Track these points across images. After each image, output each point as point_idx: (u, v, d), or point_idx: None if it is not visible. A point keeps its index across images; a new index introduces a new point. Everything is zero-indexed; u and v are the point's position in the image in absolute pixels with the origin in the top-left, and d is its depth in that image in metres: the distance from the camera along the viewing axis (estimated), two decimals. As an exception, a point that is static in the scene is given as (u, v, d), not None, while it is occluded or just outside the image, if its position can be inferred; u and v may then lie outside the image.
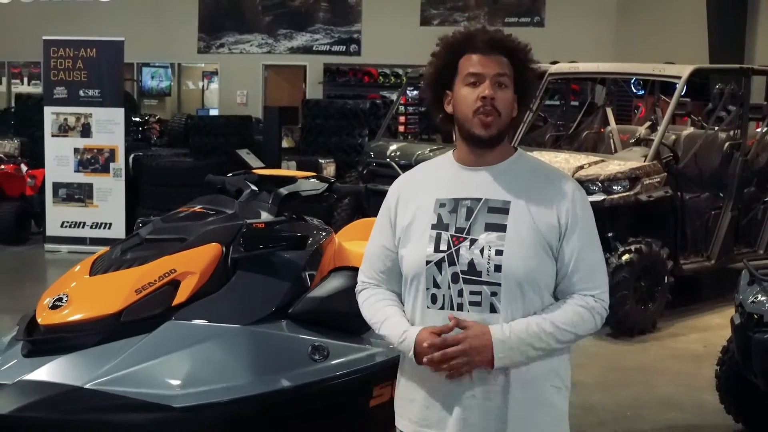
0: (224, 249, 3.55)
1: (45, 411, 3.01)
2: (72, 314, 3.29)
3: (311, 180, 4.06)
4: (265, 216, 3.77)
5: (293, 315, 3.58)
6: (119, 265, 3.49)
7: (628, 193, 7.68)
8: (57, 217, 10.73)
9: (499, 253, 2.42)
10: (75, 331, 3.27)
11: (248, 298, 3.50)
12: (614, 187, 7.69)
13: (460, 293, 2.44)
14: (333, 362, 3.55)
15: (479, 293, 2.43)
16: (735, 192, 8.55)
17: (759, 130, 9.27)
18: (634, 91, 14.10)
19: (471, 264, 2.43)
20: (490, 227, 2.45)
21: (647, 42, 16.30)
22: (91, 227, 10.67)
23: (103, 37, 11.25)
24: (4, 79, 23.68)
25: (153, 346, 3.24)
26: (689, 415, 5.85)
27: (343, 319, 3.65)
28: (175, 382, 3.17)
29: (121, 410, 3.06)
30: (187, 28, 21.28)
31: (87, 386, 3.08)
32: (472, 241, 2.44)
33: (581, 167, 7.81)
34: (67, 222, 10.71)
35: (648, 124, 9.57)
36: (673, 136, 9.03)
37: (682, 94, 10.76)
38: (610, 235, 7.76)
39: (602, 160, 8.09)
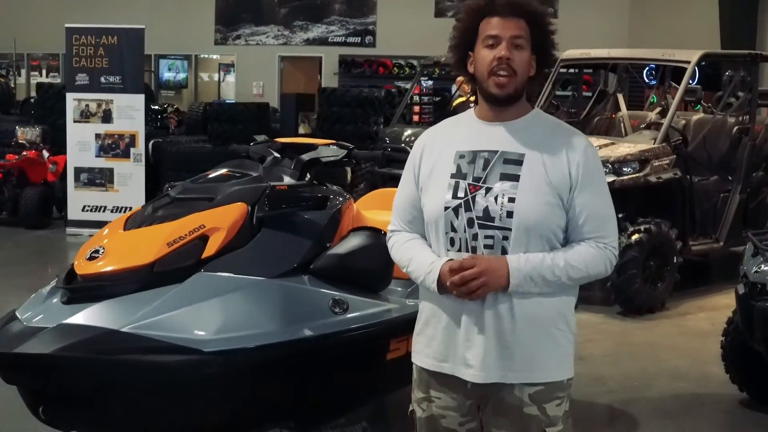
0: (250, 208, 3.75)
1: (84, 351, 3.22)
2: (108, 265, 3.50)
3: (331, 147, 4.25)
4: (287, 180, 3.97)
5: (314, 271, 3.78)
6: (151, 221, 3.71)
7: (637, 175, 7.81)
8: (78, 201, 10.94)
9: (511, 200, 2.59)
10: (111, 280, 3.47)
11: (272, 253, 3.69)
12: (624, 169, 7.82)
13: (475, 237, 2.62)
14: (352, 315, 3.75)
15: (492, 237, 2.61)
16: (743, 176, 8.69)
17: (768, 115, 9.41)
18: (647, 80, 14.20)
19: (486, 210, 2.61)
20: (504, 177, 2.62)
21: (660, 32, 16.39)
22: (112, 211, 10.82)
23: (124, 25, 11.44)
24: (23, 71, 23.94)
25: (184, 294, 3.44)
26: (695, 385, 6.01)
27: (362, 275, 3.86)
28: (205, 328, 3.38)
29: (154, 352, 3.27)
30: (204, 20, 21.45)
31: (123, 329, 3.29)
32: (488, 190, 2.62)
33: (592, 149, 7.93)
34: (89, 206, 10.91)
35: (658, 109, 9.70)
36: (683, 121, 9.17)
37: (694, 81, 10.89)
38: (620, 215, 7.88)
39: (612, 143, 8.23)
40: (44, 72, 24.12)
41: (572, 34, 16.91)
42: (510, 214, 2.60)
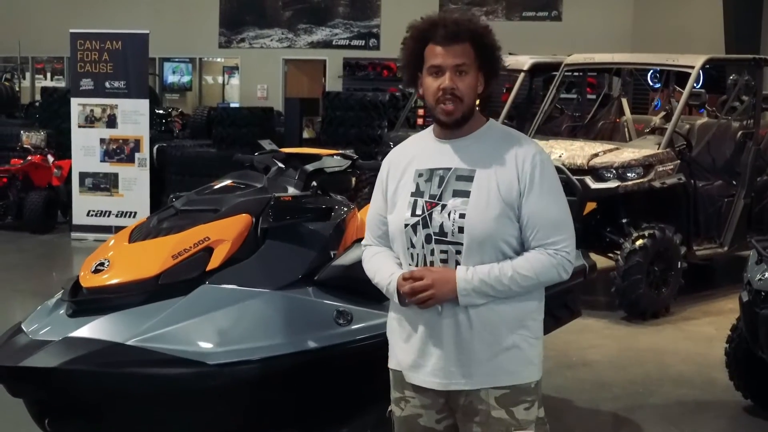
0: (254, 219, 3.78)
1: (89, 365, 3.24)
2: (113, 277, 3.52)
3: (335, 157, 4.27)
4: (291, 190, 4.00)
5: (319, 282, 3.80)
6: (156, 233, 3.73)
7: (641, 180, 7.81)
8: (83, 206, 10.98)
9: (462, 216, 2.68)
10: (116, 292, 3.50)
11: (276, 265, 3.72)
12: (628, 174, 7.82)
13: (432, 252, 2.72)
14: (356, 326, 3.77)
15: (446, 252, 2.71)
16: (748, 180, 8.67)
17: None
18: (651, 84, 14.20)
19: (441, 226, 2.71)
20: (457, 193, 2.71)
21: (664, 32, 16.37)
22: (117, 216, 10.88)
23: (128, 30, 11.47)
24: (28, 74, 23.98)
25: (189, 307, 3.47)
26: (699, 391, 6.01)
27: (366, 286, 3.86)
28: (210, 341, 3.40)
29: (159, 365, 3.29)
30: (208, 23, 21.47)
31: (128, 342, 3.31)
32: (443, 207, 2.71)
33: (596, 155, 7.95)
34: (93, 211, 10.95)
35: (662, 114, 9.69)
36: (687, 126, 9.16)
37: (699, 85, 10.87)
38: (624, 221, 7.94)
39: (617, 148, 8.22)
40: (49, 75, 24.15)
41: (576, 36, 17.03)
42: (461, 230, 2.69)
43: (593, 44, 14.78)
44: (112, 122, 10.95)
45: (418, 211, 2.73)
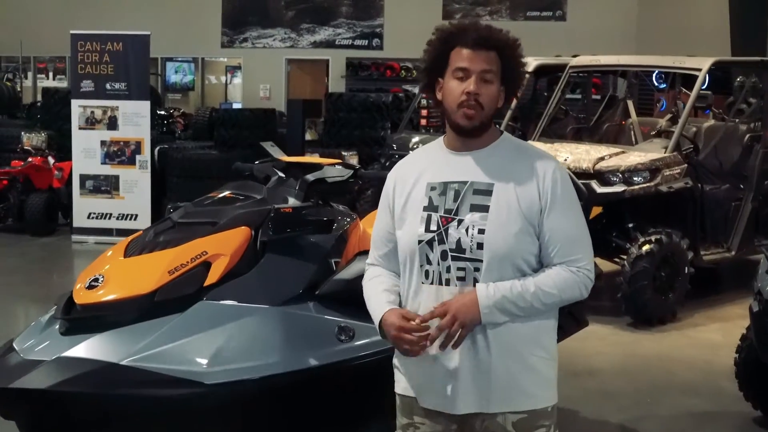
0: (253, 232, 3.68)
1: (82, 386, 3.14)
2: (107, 294, 3.43)
3: (337, 167, 4.18)
4: (292, 201, 3.90)
5: (320, 296, 3.70)
6: (153, 248, 3.63)
7: (648, 184, 7.70)
8: (84, 208, 10.88)
9: (481, 231, 2.59)
10: (110, 309, 3.40)
11: (277, 279, 3.63)
12: (635, 178, 7.72)
13: (448, 269, 2.62)
14: (358, 343, 3.67)
15: (464, 269, 2.61)
16: (755, 184, 8.57)
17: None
18: (656, 84, 14.11)
19: (458, 242, 2.60)
20: (474, 208, 2.61)
21: (669, 35, 16.28)
22: (118, 218, 10.81)
23: (129, 31, 11.37)
24: (30, 74, 23.90)
25: (185, 325, 3.38)
26: (708, 401, 5.91)
27: (368, 300, 3.77)
28: (207, 360, 3.31)
29: (155, 386, 3.19)
30: (211, 23, 21.40)
31: (123, 363, 3.22)
32: (459, 221, 2.61)
33: (602, 158, 7.85)
34: (94, 213, 10.86)
35: (669, 116, 9.59)
36: (694, 128, 9.06)
37: (705, 86, 10.78)
38: (630, 225, 7.84)
39: (623, 152, 8.12)
40: (51, 75, 24.06)
41: (580, 35, 16.94)
42: (480, 246, 2.60)
43: (597, 44, 14.71)
44: (113, 124, 10.86)
45: (433, 227, 2.64)
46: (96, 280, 3.46)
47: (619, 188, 7.65)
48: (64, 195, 11.29)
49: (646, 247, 7.53)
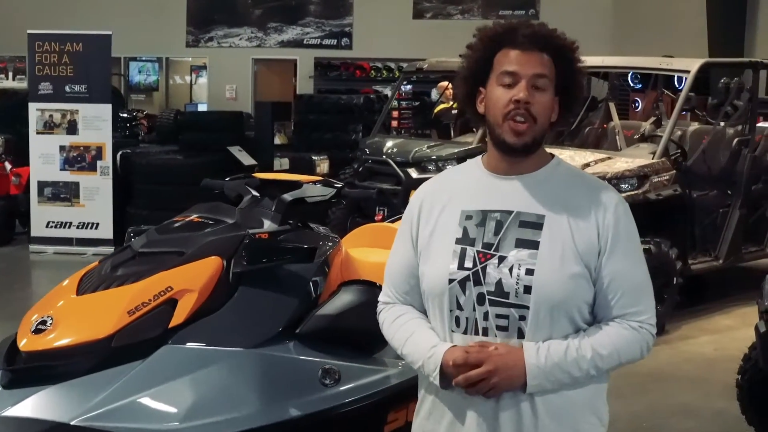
0: (225, 263, 3.24)
1: (27, 451, 2.71)
2: (57, 339, 2.98)
3: (317, 185, 3.77)
4: (268, 225, 3.48)
5: (301, 335, 3.28)
6: (110, 283, 3.18)
7: (636, 192, 7.44)
8: (42, 216, 10.46)
9: (529, 272, 2.18)
10: (61, 358, 2.96)
11: (252, 317, 3.20)
12: (622, 186, 7.43)
13: (486, 316, 2.20)
14: (345, 387, 3.26)
15: (506, 317, 2.19)
16: (743, 189, 8.33)
17: (766, 125, 9.03)
18: (632, 85, 13.84)
19: (499, 284, 2.19)
20: (521, 243, 2.20)
21: (645, 35, 16.07)
22: (78, 227, 10.41)
23: (89, 31, 10.92)
24: (-11, 74, 23.28)
25: (148, 374, 2.94)
26: (708, 424, 5.68)
27: (356, 338, 3.37)
28: (174, 415, 2.88)
29: (113, 448, 2.76)
30: (175, 22, 20.97)
31: (74, 422, 2.78)
32: (501, 259, 2.20)
33: (587, 165, 7.58)
34: (53, 222, 10.45)
35: (652, 119, 9.30)
36: (679, 132, 8.78)
37: (681, 88, 10.49)
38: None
39: (609, 158, 7.87)
40: (11, 75, 23.43)
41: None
42: (528, 290, 2.17)
43: (572, 43, 14.40)
44: (72, 128, 10.43)
45: (468, 263, 2.21)
46: (44, 322, 3.01)
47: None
48: (22, 202, 10.83)
49: (634, 258, 7.21)
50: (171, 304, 3.10)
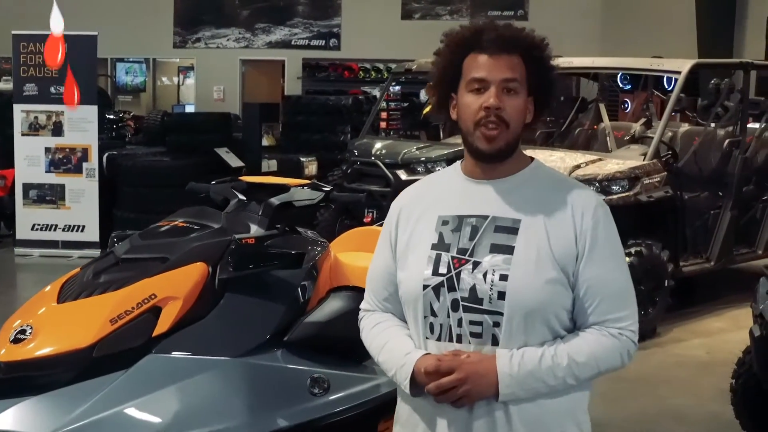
0: (211, 269, 3.16)
1: (5, 465, 2.63)
2: (37, 349, 2.90)
3: (305, 189, 3.69)
4: (255, 230, 3.39)
5: (289, 343, 3.20)
6: (92, 290, 3.09)
7: (627, 194, 7.37)
8: (27, 219, 10.36)
9: (503, 278, 2.13)
10: (41, 368, 2.88)
11: (239, 325, 3.12)
12: (613, 188, 7.39)
13: (460, 323, 2.15)
14: (334, 396, 3.19)
15: (480, 323, 2.14)
16: (735, 191, 8.28)
17: (756, 125, 8.99)
18: (620, 85, 13.81)
19: (473, 290, 2.14)
20: (495, 249, 2.15)
21: (634, 36, 16.06)
22: (64, 230, 10.31)
23: (75, 32, 10.81)
24: (-26, 75, 23.14)
25: (131, 384, 2.86)
26: (701, 428, 5.63)
27: (345, 345, 3.28)
28: (158, 427, 2.80)
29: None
30: (163, 22, 20.89)
31: (54, 436, 2.69)
32: (475, 264, 2.15)
33: (578, 166, 7.52)
34: (38, 225, 10.35)
35: (643, 120, 9.26)
36: (670, 133, 8.73)
37: (671, 88, 10.47)
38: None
39: (599, 159, 7.80)
40: (-3, 76, 23.30)
41: (543, 35, 16.58)
42: (502, 296, 2.12)
43: (561, 44, 14.21)
44: (58, 130, 10.32)
45: (442, 269, 2.16)
46: (23, 331, 2.92)
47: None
48: (7, 205, 10.74)
49: (626, 260, 7.14)
50: (155, 313, 3.02)
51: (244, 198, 3.61)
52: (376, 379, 3.38)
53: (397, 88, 15.40)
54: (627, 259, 7.14)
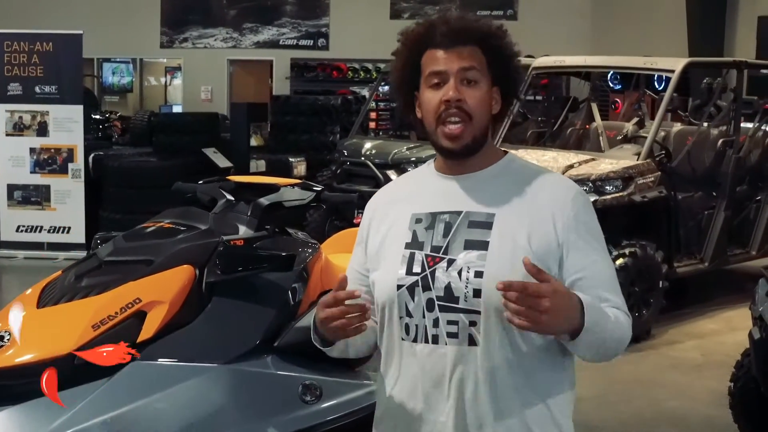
0: (197, 272, 3.05)
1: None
2: (15, 356, 2.78)
3: (296, 188, 3.58)
4: (243, 231, 3.28)
5: (280, 348, 3.09)
6: (73, 294, 2.97)
7: (621, 194, 7.30)
8: (12, 220, 10.28)
9: (478, 275, 2.04)
10: (20, 376, 2.76)
11: (227, 330, 3.01)
12: (606, 188, 7.31)
13: (436, 323, 2.07)
14: (326, 404, 3.07)
15: (456, 323, 2.06)
16: (728, 191, 8.22)
17: (749, 125, 8.93)
18: (611, 85, 13.75)
19: (448, 288, 2.06)
20: (470, 245, 2.07)
21: (624, 35, 16.02)
22: (49, 231, 10.23)
23: (60, 30, 10.69)
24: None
25: (114, 392, 2.74)
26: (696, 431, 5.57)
27: (337, 351, 3.17)
28: (142, 437, 2.68)
29: (76, 474, 2.56)
30: (150, 22, 20.75)
31: (34, 446, 2.58)
32: (450, 262, 2.07)
33: (571, 166, 7.44)
34: (23, 226, 10.27)
35: (635, 120, 9.19)
36: (663, 133, 8.66)
37: (662, 88, 10.42)
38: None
39: (593, 159, 7.72)
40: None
41: (532, 35, 16.45)
42: (477, 293, 2.04)
43: (551, 44, 14.32)
44: (43, 130, 10.23)
45: (416, 268, 2.09)
46: (1, 338, 2.81)
47: (589, 198, 7.17)
48: (-8, 206, 10.59)
49: (619, 261, 7.08)
50: (139, 317, 2.91)
51: (232, 198, 3.50)
52: (369, 386, 3.27)
53: (387, 88, 15.32)
54: (621, 260, 7.08)
